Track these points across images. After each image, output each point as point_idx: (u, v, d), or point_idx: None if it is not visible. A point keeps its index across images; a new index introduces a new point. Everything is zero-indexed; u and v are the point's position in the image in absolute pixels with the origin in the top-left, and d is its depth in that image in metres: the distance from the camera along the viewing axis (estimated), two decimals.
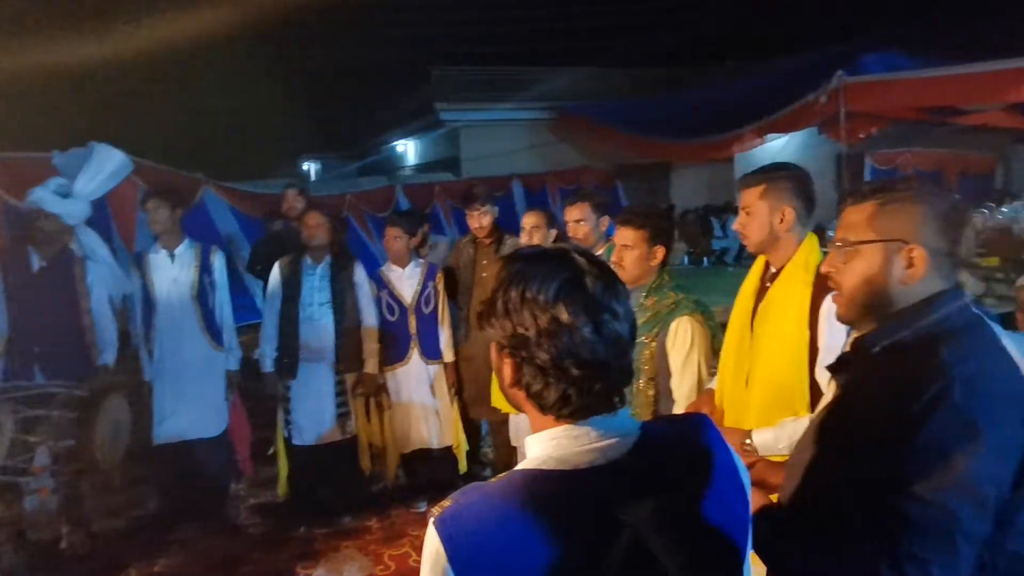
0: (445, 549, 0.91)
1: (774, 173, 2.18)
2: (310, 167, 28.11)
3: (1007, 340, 2.08)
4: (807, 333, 2.07)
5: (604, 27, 23.37)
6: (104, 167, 3.82)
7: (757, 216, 2.14)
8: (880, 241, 1.28)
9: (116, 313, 3.90)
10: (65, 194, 3.65)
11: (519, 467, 1.00)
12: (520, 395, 1.00)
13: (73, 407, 3.55)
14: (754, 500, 1.19)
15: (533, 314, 0.94)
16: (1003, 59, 7.39)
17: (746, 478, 1.06)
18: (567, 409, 0.97)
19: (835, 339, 1.99)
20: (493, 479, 0.99)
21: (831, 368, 1.42)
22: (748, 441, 2.10)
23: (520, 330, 0.96)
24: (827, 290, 2.00)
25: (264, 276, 4.23)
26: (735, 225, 2.27)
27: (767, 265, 2.26)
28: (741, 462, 1.07)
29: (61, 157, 3.95)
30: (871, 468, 1.18)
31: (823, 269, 1.44)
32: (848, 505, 1.18)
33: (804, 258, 2.12)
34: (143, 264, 3.90)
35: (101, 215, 5.84)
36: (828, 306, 2.00)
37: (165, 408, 3.89)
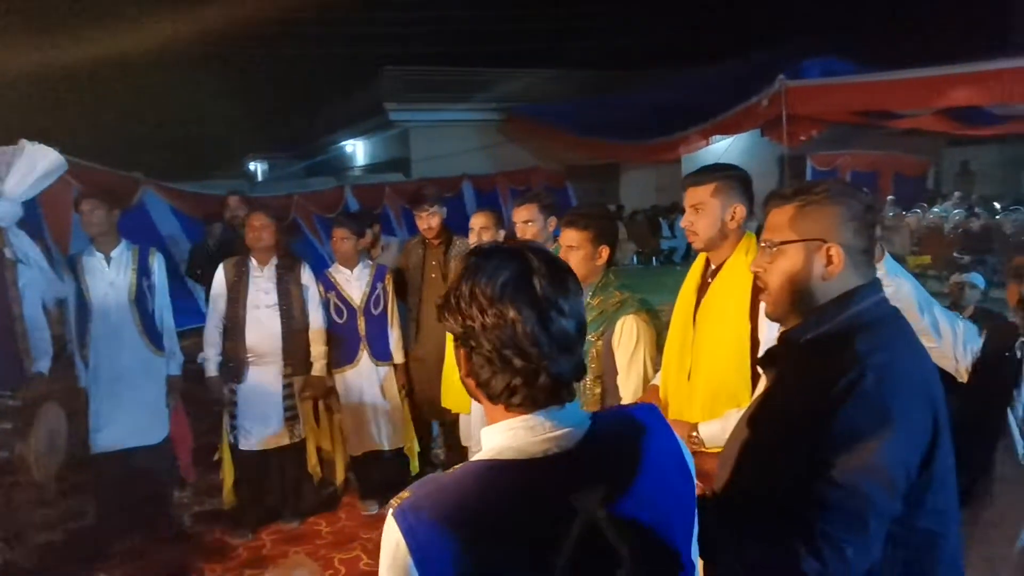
0: (406, 540, 0.93)
1: (724, 172, 2.24)
2: (256, 167, 27.53)
3: (941, 315, 2.18)
4: (748, 326, 2.14)
5: (554, 29, 23.55)
6: (36, 166, 3.66)
7: (708, 213, 2.18)
8: (801, 241, 1.37)
9: (50, 319, 3.75)
10: None
11: (475, 457, 1.03)
12: (471, 384, 1.04)
13: (6, 418, 3.41)
14: None
15: (480, 307, 0.98)
16: (935, 66, 7.72)
17: (691, 463, 1.11)
18: (515, 399, 1.01)
19: (773, 332, 1.95)
20: (449, 470, 1.01)
21: (760, 361, 1.49)
22: (695, 434, 2.15)
23: (468, 322, 1.00)
24: None
25: (203, 280, 4.12)
26: (683, 222, 2.31)
27: (707, 262, 2.33)
28: (686, 448, 1.12)
29: None
30: (794, 455, 1.24)
31: (751, 268, 1.51)
32: (775, 493, 1.25)
33: (744, 255, 2.19)
34: (77, 267, 3.76)
35: (32, 216, 5.64)
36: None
37: (102, 416, 3.76)
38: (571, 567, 0.93)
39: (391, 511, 0.96)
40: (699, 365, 2.25)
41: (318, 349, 3.99)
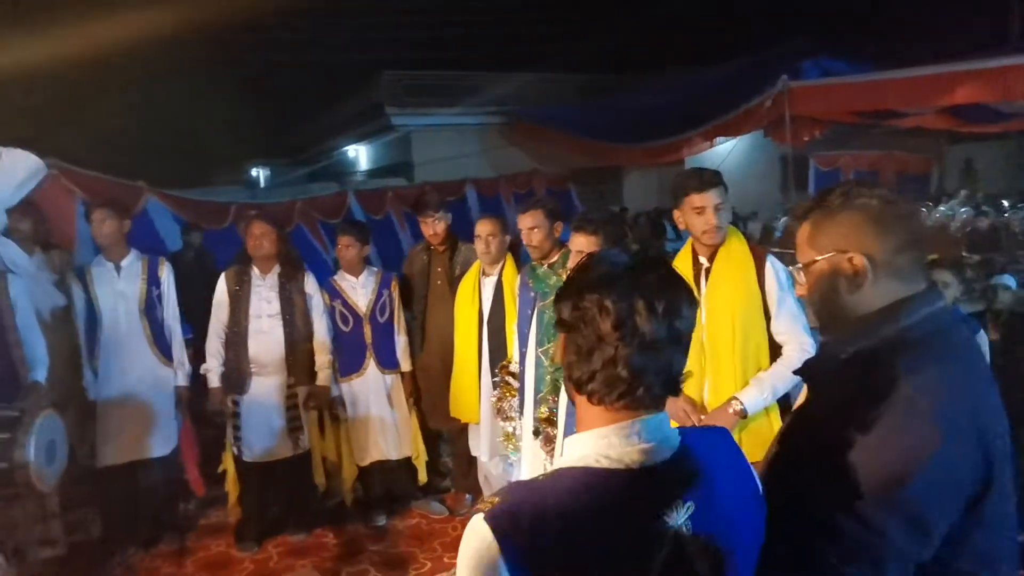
0: (500, 546, 0.92)
1: (720, 175, 2.59)
2: (259, 173, 27.53)
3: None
4: (758, 291, 2.49)
5: (554, 33, 23.53)
6: (16, 172, 3.60)
7: (726, 210, 2.55)
8: (821, 258, 1.28)
9: (45, 328, 3.71)
10: None
11: (565, 464, 1.03)
12: (570, 380, 1.06)
13: (4, 428, 3.37)
14: None
15: (601, 297, 1.01)
16: (938, 64, 7.68)
17: (759, 483, 1.15)
18: (615, 398, 1.02)
19: (785, 298, 2.48)
20: (540, 476, 1.02)
21: (799, 372, 1.40)
22: (738, 406, 2.43)
23: (582, 310, 1.02)
24: (763, 255, 2.51)
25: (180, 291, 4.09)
26: (710, 221, 2.53)
27: (695, 254, 2.64)
28: (755, 471, 1.16)
29: None
30: (820, 479, 1.15)
31: (797, 294, 1.56)
32: (798, 515, 1.15)
33: (735, 235, 2.59)
34: (87, 277, 3.74)
35: (40, 226, 5.61)
36: (771, 265, 2.50)
37: (111, 428, 3.73)
38: None
39: (481, 515, 0.95)
40: (720, 339, 2.50)
41: (322, 359, 3.95)
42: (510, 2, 22.76)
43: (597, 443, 1.02)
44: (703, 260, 2.61)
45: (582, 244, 2.69)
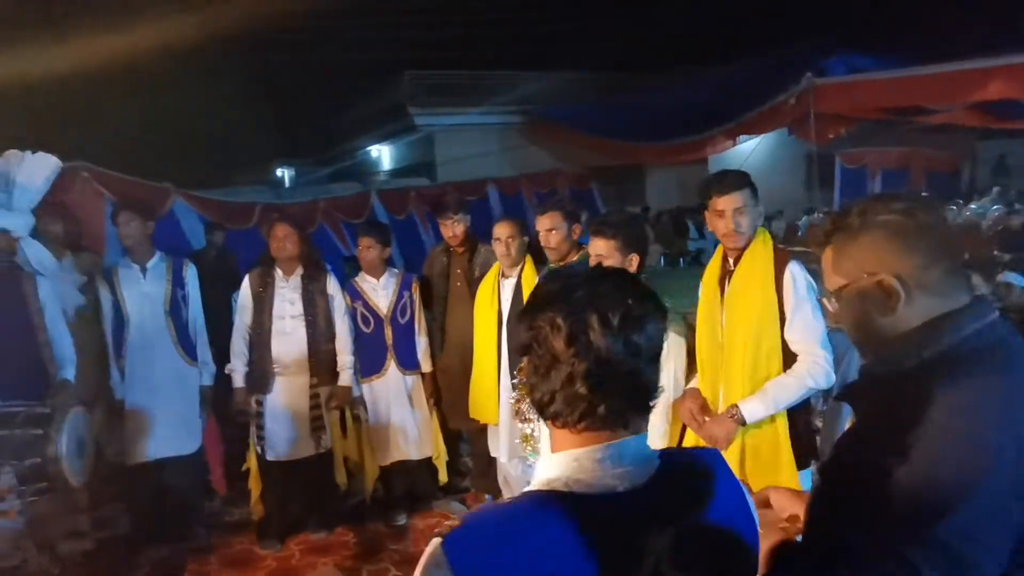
0: (454, 571, 0.88)
1: (748, 178, 2.55)
2: (283, 173, 27.82)
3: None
4: (775, 297, 2.46)
5: (575, 31, 23.44)
6: (37, 173, 3.70)
7: (748, 213, 2.51)
8: (850, 284, 1.21)
9: (70, 327, 3.81)
10: (4, 206, 3.54)
11: (533, 487, 0.98)
12: (536, 404, 1.01)
13: (36, 424, 3.45)
14: (770, 536, 1.19)
15: (555, 316, 0.96)
16: (966, 60, 7.54)
17: (755, 512, 1.09)
18: (582, 419, 0.96)
19: (801, 305, 2.44)
20: (506, 499, 0.99)
21: (841, 396, 1.34)
22: (735, 412, 2.42)
23: (538, 330, 0.97)
24: (785, 260, 2.48)
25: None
26: (729, 225, 2.51)
27: (725, 258, 2.62)
28: (748, 493, 1.10)
29: None
30: (858, 509, 1.08)
31: (831, 322, 1.51)
32: (844, 543, 1.07)
33: (760, 238, 2.55)
34: (114, 278, 3.81)
35: (71, 228, 5.73)
36: (791, 271, 2.46)
37: (137, 426, 3.81)
38: None
39: (440, 539, 0.92)
40: (734, 343, 2.50)
41: (344, 359, 3.99)
42: (532, 1, 22.75)
43: (568, 466, 0.97)
44: (730, 262, 2.60)
45: (600, 248, 2.65)
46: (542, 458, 1.02)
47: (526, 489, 1.00)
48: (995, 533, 0.98)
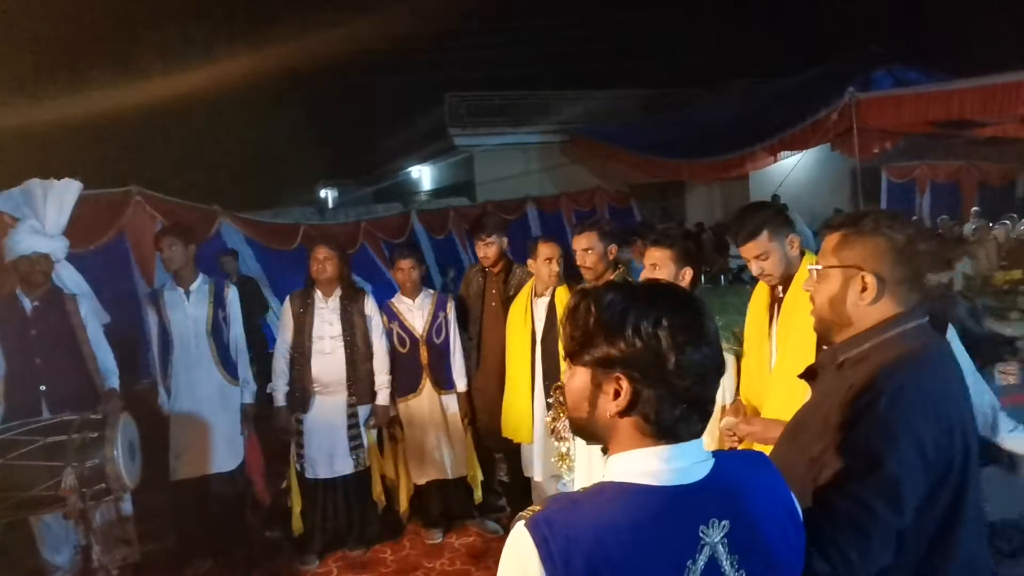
0: (539, 551, 0.97)
1: (765, 217, 2.41)
2: (327, 194, 28.42)
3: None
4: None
5: (613, 50, 23.52)
6: (65, 199, 3.90)
7: (772, 256, 2.38)
8: (840, 267, 1.47)
9: (110, 341, 3.98)
10: (42, 232, 3.73)
11: (607, 479, 1.08)
12: (619, 417, 1.08)
13: (92, 428, 3.58)
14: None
15: (630, 333, 1.05)
16: (1013, 72, 7.34)
17: (798, 506, 1.18)
18: (650, 426, 1.06)
19: None
20: (581, 490, 1.07)
21: (803, 376, 1.60)
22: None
23: (615, 348, 1.06)
24: None
25: None
26: (754, 272, 2.46)
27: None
28: (795, 498, 1.19)
29: (4, 199, 3.97)
30: (817, 466, 1.36)
31: (804, 287, 1.64)
32: (802, 499, 1.29)
33: (808, 262, 2.38)
34: (160, 301, 3.96)
35: (120, 251, 5.96)
36: None
37: (182, 444, 3.92)
38: None
39: (523, 522, 1.00)
40: (782, 369, 2.41)
41: (382, 378, 4.06)
42: (572, 20, 22.89)
43: (636, 463, 1.06)
44: (778, 289, 2.52)
45: (656, 257, 2.69)
46: (611, 456, 1.11)
47: (599, 480, 1.09)
48: (917, 476, 1.31)
